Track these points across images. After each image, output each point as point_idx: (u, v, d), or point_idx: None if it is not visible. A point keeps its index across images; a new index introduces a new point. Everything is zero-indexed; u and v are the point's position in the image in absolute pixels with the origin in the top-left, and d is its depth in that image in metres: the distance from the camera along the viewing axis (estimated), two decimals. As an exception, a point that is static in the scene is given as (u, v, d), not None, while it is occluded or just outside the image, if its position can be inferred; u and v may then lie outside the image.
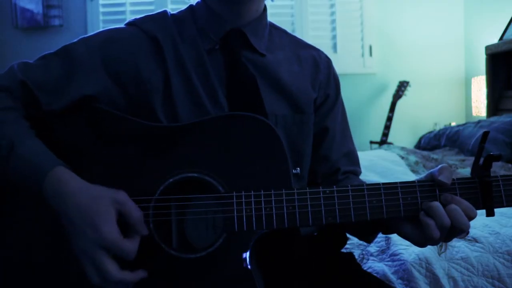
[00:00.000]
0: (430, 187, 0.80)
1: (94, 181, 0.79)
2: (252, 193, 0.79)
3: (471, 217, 0.77)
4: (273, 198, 0.79)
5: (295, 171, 0.82)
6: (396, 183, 0.81)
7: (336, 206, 0.79)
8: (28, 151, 0.80)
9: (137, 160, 0.83)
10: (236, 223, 0.79)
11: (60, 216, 0.77)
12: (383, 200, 0.80)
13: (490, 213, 0.79)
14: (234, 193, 0.79)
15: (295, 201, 0.79)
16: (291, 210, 0.78)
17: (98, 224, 0.73)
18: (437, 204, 0.77)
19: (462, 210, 0.77)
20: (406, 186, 0.80)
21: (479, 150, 0.79)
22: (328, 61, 1.06)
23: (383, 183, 0.80)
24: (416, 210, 0.79)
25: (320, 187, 0.80)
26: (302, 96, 0.98)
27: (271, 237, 0.84)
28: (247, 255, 0.78)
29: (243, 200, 0.79)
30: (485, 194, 0.79)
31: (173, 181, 0.81)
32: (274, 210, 0.78)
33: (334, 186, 0.80)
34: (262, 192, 0.79)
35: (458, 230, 0.77)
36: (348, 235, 1.08)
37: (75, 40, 0.94)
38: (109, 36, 0.93)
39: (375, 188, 0.80)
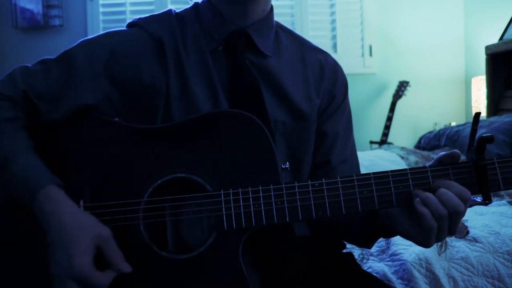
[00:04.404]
0: (423, 174, 0.78)
1: (85, 185, 0.79)
2: (240, 190, 0.78)
3: (464, 198, 0.75)
4: (261, 194, 0.78)
5: (284, 166, 0.82)
6: (387, 171, 0.79)
7: (326, 199, 0.78)
8: (22, 167, 0.80)
9: (126, 163, 0.83)
10: (225, 221, 0.78)
11: (45, 235, 0.78)
12: (374, 190, 0.78)
13: (486, 198, 0.77)
14: (222, 191, 0.79)
15: (284, 196, 0.78)
16: (280, 206, 0.78)
17: (73, 254, 0.74)
18: (428, 194, 0.76)
19: (453, 193, 0.75)
20: (397, 174, 0.78)
21: (472, 133, 0.77)
22: (335, 66, 1.03)
23: (374, 173, 0.79)
24: (409, 198, 0.77)
25: (309, 180, 0.79)
26: (305, 103, 0.96)
27: (267, 238, 0.83)
28: (238, 253, 0.78)
29: (231, 197, 0.78)
30: (480, 177, 0.77)
31: (161, 182, 0.81)
32: (262, 206, 0.78)
33: (323, 179, 0.78)
34: (250, 189, 0.78)
35: (454, 215, 0.75)
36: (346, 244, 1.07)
37: (76, 45, 0.94)
38: (111, 42, 0.93)
39: (366, 178, 0.78)
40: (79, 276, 0.73)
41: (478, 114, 0.77)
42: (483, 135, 0.76)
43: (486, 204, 1.60)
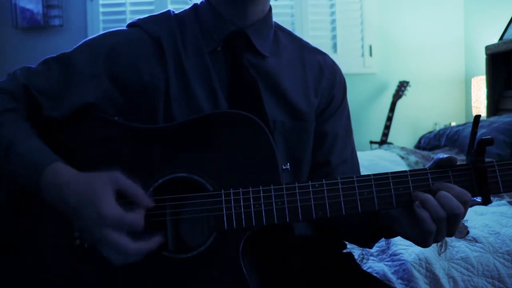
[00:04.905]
0: (423, 175, 0.78)
1: None
2: (241, 190, 0.79)
3: (464, 201, 0.75)
4: (261, 194, 0.78)
5: (285, 167, 0.82)
6: (387, 173, 0.79)
7: (326, 200, 0.78)
8: (26, 149, 0.80)
9: (126, 163, 0.83)
10: (225, 221, 0.78)
11: (60, 209, 0.78)
12: (374, 192, 0.78)
13: (486, 200, 0.77)
14: (223, 191, 0.79)
15: (284, 196, 0.78)
16: (280, 206, 0.78)
17: (98, 205, 0.73)
18: (428, 196, 0.76)
19: (453, 195, 0.75)
20: (397, 176, 0.79)
21: (471, 136, 0.78)
22: (333, 67, 1.03)
23: (374, 174, 0.79)
24: (409, 200, 0.78)
25: (309, 181, 0.79)
26: (303, 103, 0.97)
27: (265, 238, 0.83)
28: (238, 253, 0.78)
29: (232, 197, 0.79)
30: (480, 180, 0.77)
31: (162, 182, 0.81)
32: (263, 207, 0.78)
33: (324, 180, 0.79)
34: (250, 189, 0.78)
35: (453, 217, 0.75)
36: (347, 243, 1.07)
37: (78, 45, 0.94)
38: (111, 42, 0.93)
39: (366, 179, 0.78)
40: (114, 220, 0.72)
41: (478, 117, 0.77)
42: (483, 137, 0.76)
43: (486, 204, 1.60)
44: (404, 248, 1.30)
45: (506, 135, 2.48)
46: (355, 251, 1.34)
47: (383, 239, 1.35)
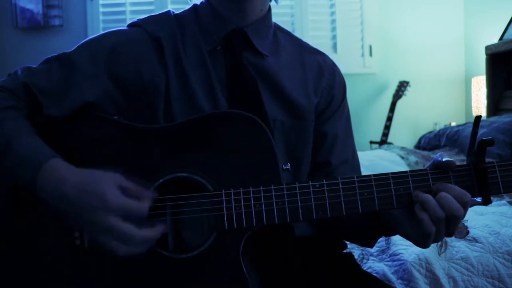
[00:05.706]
0: (423, 176, 0.78)
1: None
2: (241, 190, 0.79)
3: (464, 202, 0.76)
4: (262, 194, 0.78)
5: (286, 167, 0.82)
6: (387, 173, 0.79)
7: (327, 200, 0.78)
8: (25, 147, 0.80)
9: (127, 163, 0.83)
10: (226, 221, 0.78)
11: (57, 206, 0.77)
12: (375, 192, 0.78)
13: (486, 200, 0.78)
14: (223, 191, 0.79)
15: (285, 196, 0.78)
16: (280, 206, 0.78)
17: (102, 193, 0.73)
18: (428, 197, 0.76)
19: (453, 197, 0.75)
20: (398, 176, 0.79)
21: (472, 136, 0.78)
22: (333, 67, 1.04)
23: (374, 175, 0.79)
24: (410, 201, 0.78)
25: (310, 181, 0.79)
26: (303, 102, 0.97)
27: (266, 239, 0.83)
28: (239, 253, 0.78)
29: (232, 197, 0.79)
30: (481, 180, 0.77)
31: (162, 181, 0.81)
32: (263, 207, 0.78)
33: (324, 180, 0.79)
34: (251, 189, 0.78)
35: (453, 218, 0.75)
36: (347, 243, 1.07)
37: (78, 45, 0.94)
38: (111, 41, 0.93)
39: (366, 179, 0.79)
40: (119, 206, 0.72)
41: (479, 118, 0.78)
42: (484, 138, 0.76)
43: (486, 205, 1.60)
44: (404, 248, 1.30)
45: (506, 135, 2.48)
46: (355, 251, 1.34)
47: (383, 238, 1.36)
